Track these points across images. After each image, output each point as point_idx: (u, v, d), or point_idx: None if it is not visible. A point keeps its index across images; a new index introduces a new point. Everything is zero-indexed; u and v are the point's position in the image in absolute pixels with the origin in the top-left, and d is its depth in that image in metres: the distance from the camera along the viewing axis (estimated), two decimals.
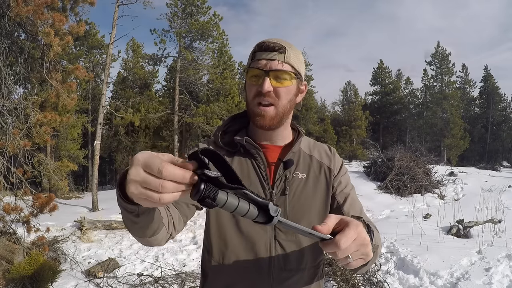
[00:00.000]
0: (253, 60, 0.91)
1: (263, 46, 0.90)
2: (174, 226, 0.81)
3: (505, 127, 33.86)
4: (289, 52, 0.90)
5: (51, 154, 14.89)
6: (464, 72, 34.32)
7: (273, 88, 0.89)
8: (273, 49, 0.89)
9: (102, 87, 11.22)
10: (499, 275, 3.58)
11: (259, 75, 0.89)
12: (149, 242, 0.75)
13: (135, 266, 4.41)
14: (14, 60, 5.23)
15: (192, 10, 16.89)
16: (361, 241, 0.61)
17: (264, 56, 0.89)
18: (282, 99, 0.91)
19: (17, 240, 4.25)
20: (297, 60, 0.93)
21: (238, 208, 0.54)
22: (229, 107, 16.72)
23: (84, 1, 6.14)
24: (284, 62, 0.89)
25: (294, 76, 0.91)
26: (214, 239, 0.95)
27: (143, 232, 0.69)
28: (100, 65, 19.97)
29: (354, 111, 28.01)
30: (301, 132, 1.04)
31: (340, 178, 1.02)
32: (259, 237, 0.92)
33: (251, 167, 0.96)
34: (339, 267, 3.97)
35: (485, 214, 6.34)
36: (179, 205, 0.87)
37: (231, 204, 0.53)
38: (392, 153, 11.68)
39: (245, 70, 0.95)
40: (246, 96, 0.96)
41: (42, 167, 5.28)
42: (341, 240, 0.57)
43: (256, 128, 0.97)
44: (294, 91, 0.94)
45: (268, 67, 0.88)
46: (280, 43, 0.90)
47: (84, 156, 19.33)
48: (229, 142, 0.99)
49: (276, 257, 0.92)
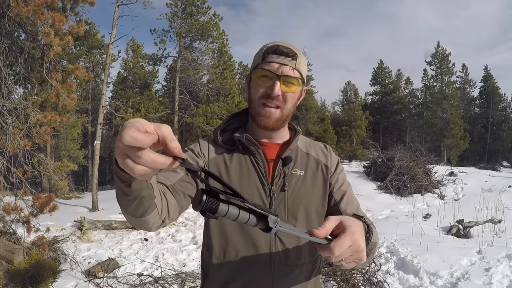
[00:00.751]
0: (263, 60, 0.92)
1: (277, 50, 0.91)
2: (169, 212, 0.80)
3: (505, 127, 33.84)
4: (300, 59, 0.93)
5: (51, 154, 14.89)
6: (464, 72, 34.32)
7: (282, 93, 0.91)
8: (286, 54, 0.91)
9: (102, 87, 11.21)
10: (499, 275, 3.58)
11: (269, 77, 0.91)
12: (140, 224, 0.74)
13: (135, 266, 4.41)
14: (14, 60, 5.22)
15: (192, 10, 16.89)
16: (355, 248, 0.64)
17: (276, 59, 0.90)
18: (288, 103, 0.94)
19: (17, 240, 4.25)
20: (304, 67, 0.95)
21: (238, 218, 0.56)
22: (229, 107, 16.72)
23: (84, 1, 6.14)
24: (295, 68, 0.91)
25: (301, 83, 0.94)
26: (214, 236, 0.96)
27: (133, 209, 0.68)
28: (100, 65, 19.98)
29: (354, 111, 28.00)
30: (298, 130, 1.05)
31: (337, 175, 1.04)
32: (259, 233, 0.93)
33: (250, 164, 0.98)
34: (339, 267, 3.97)
35: (485, 214, 6.34)
36: (176, 193, 0.87)
37: (231, 214, 0.55)
38: (392, 153, 11.68)
39: (253, 68, 0.95)
40: (249, 94, 0.97)
41: (42, 167, 5.28)
42: (335, 248, 0.61)
43: (256, 127, 0.99)
44: (298, 96, 0.97)
45: (280, 71, 0.90)
46: (293, 49, 0.92)
47: (84, 156, 19.34)
48: (228, 140, 1.00)
49: (276, 253, 0.94)
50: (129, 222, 0.76)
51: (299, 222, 0.96)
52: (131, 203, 0.66)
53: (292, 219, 0.95)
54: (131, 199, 0.65)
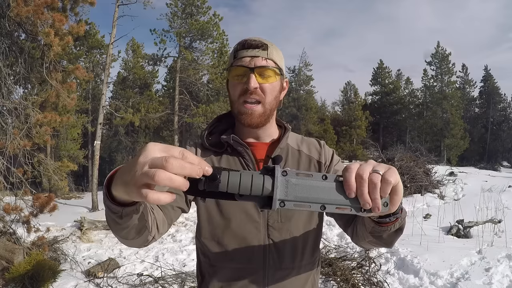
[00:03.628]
0: (235, 58, 0.91)
1: (245, 44, 0.90)
2: (158, 228, 0.79)
3: (505, 127, 33.87)
4: (271, 48, 0.91)
5: (51, 154, 14.89)
6: (464, 72, 34.34)
7: (259, 85, 0.89)
8: (255, 46, 0.89)
9: (102, 87, 11.22)
10: (499, 275, 3.58)
11: (243, 73, 0.89)
12: (130, 244, 0.74)
13: (135, 266, 4.41)
14: (14, 60, 5.22)
15: (192, 10, 16.89)
16: (370, 164, 0.55)
17: (247, 53, 0.89)
18: (268, 96, 0.91)
19: (17, 240, 4.25)
20: (278, 57, 0.93)
21: (242, 181, 0.52)
22: (229, 107, 16.69)
23: (84, 1, 6.14)
24: (268, 58, 0.89)
25: (278, 72, 0.92)
26: (207, 241, 0.94)
27: (125, 234, 0.68)
28: (100, 65, 19.97)
29: (354, 111, 28.01)
30: (287, 128, 1.02)
31: (333, 167, 1.01)
32: (252, 237, 0.92)
33: (239, 165, 0.96)
34: (339, 267, 3.97)
35: (485, 214, 6.33)
36: (164, 207, 0.85)
37: (234, 179, 0.52)
38: (392, 153, 11.68)
39: (227, 69, 0.95)
40: (229, 96, 0.96)
41: (42, 167, 5.28)
42: (345, 174, 0.54)
43: (242, 127, 0.97)
44: (278, 88, 0.95)
45: (253, 64, 0.88)
46: (262, 41, 0.91)
47: (84, 156, 19.34)
48: (215, 142, 0.98)
49: (270, 256, 0.92)
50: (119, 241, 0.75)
51: (293, 223, 0.94)
52: (122, 230, 0.66)
53: (286, 220, 0.93)
54: (123, 227, 0.64)
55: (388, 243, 0.79)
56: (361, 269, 4.04)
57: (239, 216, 0.92)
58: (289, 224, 0.93)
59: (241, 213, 0.92)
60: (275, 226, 0.92)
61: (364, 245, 0.89)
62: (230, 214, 0.92)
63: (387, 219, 0.67)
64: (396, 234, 0.75)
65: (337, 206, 0.54)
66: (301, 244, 0.95)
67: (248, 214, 0.92)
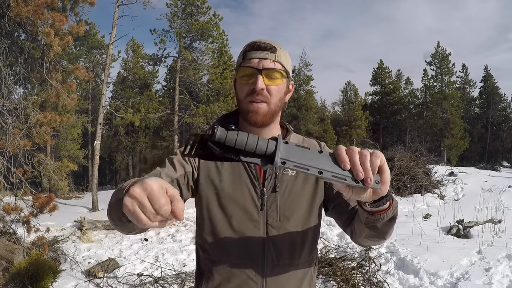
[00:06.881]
0: (244, 59, 0.93)
1: (254, 46, 0.92)
2: None
3: (505, 127, 33.84)
4: (280, 51, 0.93)
5: (51, 154, 14.88)
6: (464, 72, 34.30)
7: (266, 86, 0.91)
8: (264, 48, 0.91)
9: (102, 87, 11.21)
10: (499, 275, 3.58)
11: (251, 74, 0.91)
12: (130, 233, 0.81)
13: (135, 266, 4.41)
14: (14, 60, 5.22)
15: (192, 10, 16.89)
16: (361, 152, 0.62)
17: (255, 55, 0.91)
18: (274, 97, 0.93)
19: (17, 240, 4.25)
20: (286, 60, 0.96)
21: (248, 140, 0.59)
22: (229, 107, 16.72)
23: (84, 1, 6.14)
24: (276, 61, 0.92)
25: (285, 75, 0.94)
26: (207, 237, 0.97)
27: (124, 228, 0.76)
28: (100, 65, 20.00)
29: (354, 111, 28.01)
30: (290, 129, 1.06)
31: None
32: (251, 234, 0.94)
33: (241, 165, 0.98)
34: (339, 267, 3.98)
35: (485, 214, 6.33)
36: None
37: (241, 138, 0.59)
38: (392, 153, 11.67)
39: (236, 69, 0.97)
40: (236, 95, 0.98)
41: (42, 167, 5.28)
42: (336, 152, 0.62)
43: (246, 127, 0.99)
44: (284, 90, 0.97)
45: (261, 65, 0.90)
46: (271, 43, 0.93)
47: (84, 156, 19.35)
48: None
49: (269, 253, 0.94)
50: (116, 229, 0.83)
51: (291, 222, 0.96)
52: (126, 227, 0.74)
53: (284, 219, 0.95)
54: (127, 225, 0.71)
55: (383, 233, 0.83)
56: (361, 269, 4.04)
57: (239, 214, 0.94)
58: (288, 223, 0.96)
59: (241, 212, 0.95)
60: (274, 225, 0.95)
61: (363, 242, 0.92)
62: (231, 212, 0.95)
63: (380, 202, 0.70)
64: (390, 223, 0.79)
65: (333, 175, 0.59)
66: (299, 243, 0.97)
67: (248, 213, 0.95)
